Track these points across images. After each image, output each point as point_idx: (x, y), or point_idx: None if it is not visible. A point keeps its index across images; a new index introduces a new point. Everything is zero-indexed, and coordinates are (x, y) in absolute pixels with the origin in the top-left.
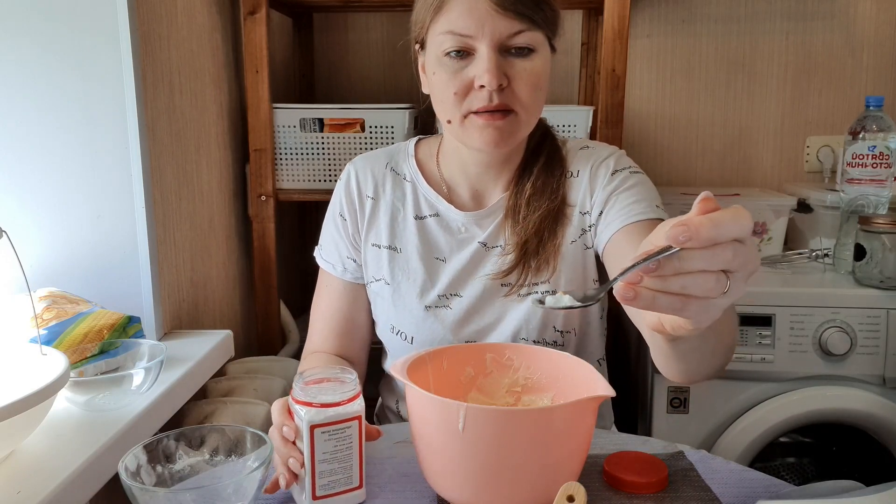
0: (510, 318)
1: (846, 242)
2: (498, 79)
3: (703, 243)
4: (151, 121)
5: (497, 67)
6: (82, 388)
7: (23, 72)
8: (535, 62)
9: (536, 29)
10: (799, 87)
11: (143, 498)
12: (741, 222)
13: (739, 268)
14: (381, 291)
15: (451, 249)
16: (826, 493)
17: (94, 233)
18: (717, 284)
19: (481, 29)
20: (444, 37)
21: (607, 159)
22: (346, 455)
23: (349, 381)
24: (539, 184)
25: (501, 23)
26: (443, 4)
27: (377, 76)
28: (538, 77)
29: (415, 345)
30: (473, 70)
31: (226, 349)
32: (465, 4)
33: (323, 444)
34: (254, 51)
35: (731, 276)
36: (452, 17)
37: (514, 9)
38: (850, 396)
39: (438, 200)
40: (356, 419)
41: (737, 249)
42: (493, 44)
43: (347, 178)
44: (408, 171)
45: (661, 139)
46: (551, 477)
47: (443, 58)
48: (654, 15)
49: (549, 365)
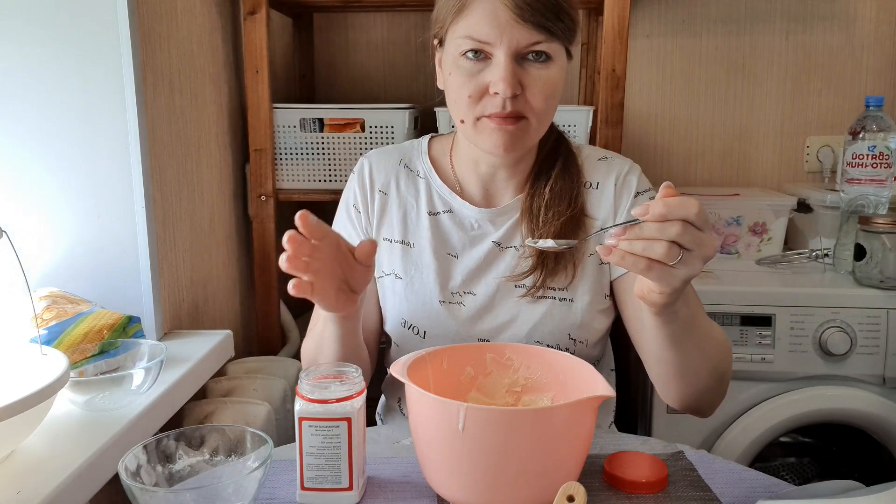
0: (524, 318)
1: (846, 242)
2: (513, 88)
3: (655, 218)
4: (151, 121)
5: (512, 76)
6: (82, 388)
7: (23, 72)
8: (550, 71)
9: (555, 40)
10: (799, 88)
11: (143, 498)
12: (687, 206)
13: (691, 245)
14: (392, 286)
15: (464, 246)
16: (826, 493)
17: (94, 233)
18: (669, 252)
19: (500, 37)
20: (462, 40)
21: (628, 175)
22: (334, 454)
23: (352, 379)
24: (557, 189)
25: (520, 32)
26: (464, 7)
27: (377, 76)
28: (553, 86)
29: (427, 339)
30: (489, 75)
31: (226, 349)
32: (485, 10)
33: (310, 438)
34: (254, 51)
35: (686, 252)
36: (472, 22)
37: (534, 19)
38: (850, 396)
39: (452, 197)
40: (346, 420)
41: (686, 228)
42: (510, 52)
43: (361, 170)
44: (421, 167)
45: (661, 139)
46: (551, 477)
47: (460, 59)
48: (654, 15)
49: (549, 365)
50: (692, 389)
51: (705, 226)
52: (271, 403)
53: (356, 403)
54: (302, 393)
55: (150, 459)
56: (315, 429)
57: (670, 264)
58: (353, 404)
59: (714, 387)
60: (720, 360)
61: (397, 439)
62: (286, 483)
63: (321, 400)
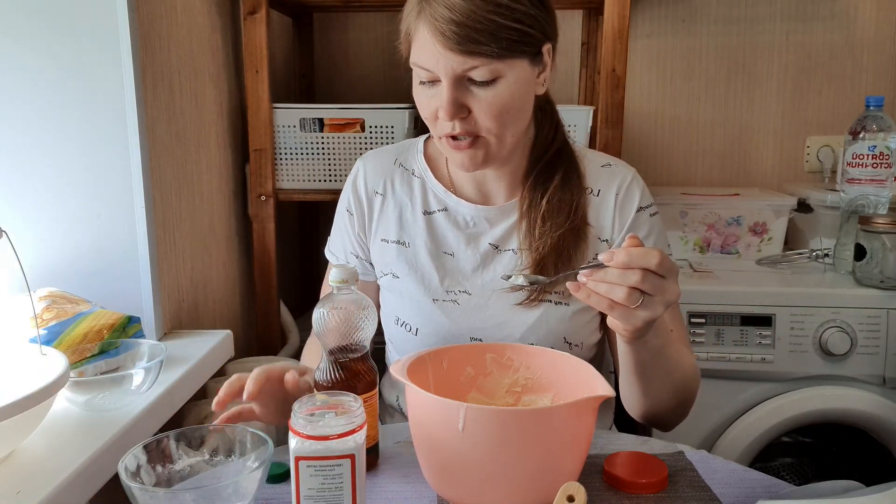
0: (519, 321)
1: (846, 242)
2: (452, 114)
3: (617, 265)
4: (151, 121)
5: (452, 103)
6: (82, 388)
7: (22, 72)
8: (497, 89)
9: (494, 60)
10: (799, 87)
11: (143, 498)
12: (648, 256)
13: (652, 291)
14: (389, 285)
15: (459, 244)
16: (826, 493)
17: (94, 233)
18: (630, 297)
19: (436, 65)
20: (415, 66)
21: (631, 187)
22: (336, 495)
23: (352, 410)
24: (555, 201)
25: (453, 60)
26: (411, 34)
27: (377, 76)
28: (501, 104)
29: (419, 337)
30: (436, 101)
31: (226, 349)
32: (424, 39)
33: (308, 480)
34: (254, 51)
35: (647, 297)
36: (416, 51)
37: (464, 47)
38: (850, 396)
39: (447, 195)
40: (349, 457)
41: (646, 276)
42: (450, 79)
43: (356, 175)
44: (417, 167)
45: (661, 139)
46: (551, 477)
47: (417, 84)
48: (654, 15)
49: (549, 365)
50: (653, 409)
51: (669, 273)
52: None
53: (359, 438)
54: (297, 429)
55: (150, 459)
56: (314, 469)
57: (632, 307)
58: (356, 439)
59: (676, 409)
60: (686, 387)
61: (397, 439)
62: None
63: (320, 437)
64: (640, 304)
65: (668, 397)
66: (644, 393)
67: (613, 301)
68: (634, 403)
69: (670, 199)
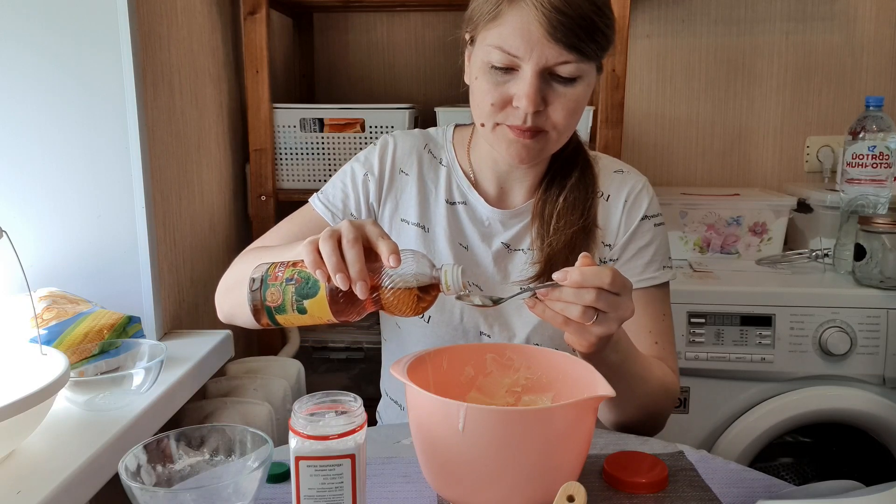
0: (525, 321)
1: (846, 242)
2: (535, 105)
3: (571, 284)
4: (151, 121)
5: (536, 93)
6: (82, 388)
7: (22, 72)
8: (577, 89)
9: (585, 60)
10: (799, 88)
11: (143, 498)
12: (601, 275)
13: (606, 308)
14: None
15: (475, 239)
16: (826, 493)
17: (94, 233)
18: (584, 314)
19: (529, 52)
20: (492, 48)
21: (640, 194)
22: (336, 495)
23: (352, 409)
24: (571, 199)
25: (550, 50)
26: (498, 15)
27: (377, 76)
28: (577, 103)
29: (430, 325)
30: (514, 88)
31: (226, 349)
32: (518, 23)
33: (308, 480)
34: (254, 51)
35: (601, 314)
36: (504, 33)
37: (567, 39)
38: (850, 396)
39: (470, 190)
40: (349, 457)
41: (600, 294)
42: (538, 68)
43: (385, 145)
44: (445, 156)
45: (661, 139)
46: (551, 477)
47: (487, 67)
48: (654, 15)
49: (549, 365)
50: (621, 420)
51: (623, 290)
52: (271, 403)
53: (359, 438)
54: (297, 429)
55: (150, 459)
56: (314, 469)
57: (587, 324)
58: (357, 439)
59: (645, 422)
60: (654, 400)
61: (397, 439)
62: (286, 483)
63: (320, 436)
64: (594, 321)
65: (635, 410)
66: (608, 406)
67: (568, 318)
68: (602, 415)
69: (670, 200)
